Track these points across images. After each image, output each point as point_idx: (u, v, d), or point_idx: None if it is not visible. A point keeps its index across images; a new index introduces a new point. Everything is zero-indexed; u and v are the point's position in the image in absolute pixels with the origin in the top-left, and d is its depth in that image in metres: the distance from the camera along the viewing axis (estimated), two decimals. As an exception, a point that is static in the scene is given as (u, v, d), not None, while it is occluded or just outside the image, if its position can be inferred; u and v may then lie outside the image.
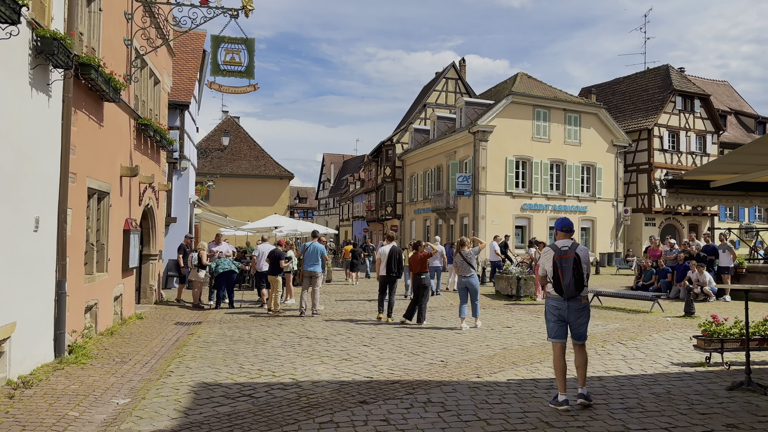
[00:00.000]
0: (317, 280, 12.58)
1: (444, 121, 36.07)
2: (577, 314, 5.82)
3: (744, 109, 41.82)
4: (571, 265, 5.81)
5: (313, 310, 12.47)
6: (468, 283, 10.91)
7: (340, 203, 69.47)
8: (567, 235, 6.10)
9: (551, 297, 5.98)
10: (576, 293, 5.79)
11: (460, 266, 11.01)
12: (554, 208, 31.16)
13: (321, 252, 12.66)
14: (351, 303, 14.84)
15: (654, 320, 11.66)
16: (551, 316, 5.96)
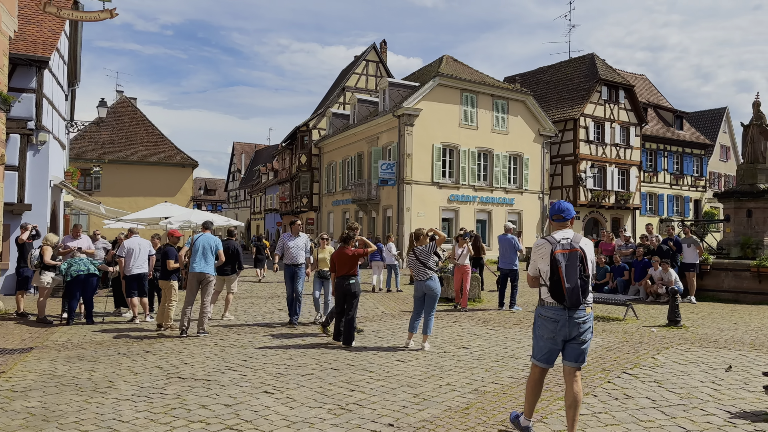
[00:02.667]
0: (208, 287, 9.36)
1: (365, 105, 33.25)
2: (580, 328, 4.33)
3: (662, 103, 42.03)
4: (576, 262, 4.27)
5: (200, 328, 9.22)
6: (427, 288, 8.11)
7: (251, 195, 65.13)
8: (562, 224, 4.55)
9: (546, 306, 4.43)
10: (582, 300, 4.28)
11: (414, 267, 8.21)
12: (482, 200, 29.21)
13: (214, 247, 9.43)
14: (256, 309, 11.68)
15: (637, 332, 9.38)
16: (544, 332, 4.43)
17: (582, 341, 4.34)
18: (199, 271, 9.20)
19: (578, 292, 4.21)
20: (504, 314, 11.46)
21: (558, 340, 4.35)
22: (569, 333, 4.30)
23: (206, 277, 9.24)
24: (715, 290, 13.79)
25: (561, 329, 4.31)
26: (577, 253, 4.26)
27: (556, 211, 4.60)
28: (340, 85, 39.80)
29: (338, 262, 8.38)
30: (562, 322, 4.30)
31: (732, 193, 16.05)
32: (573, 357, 4.36)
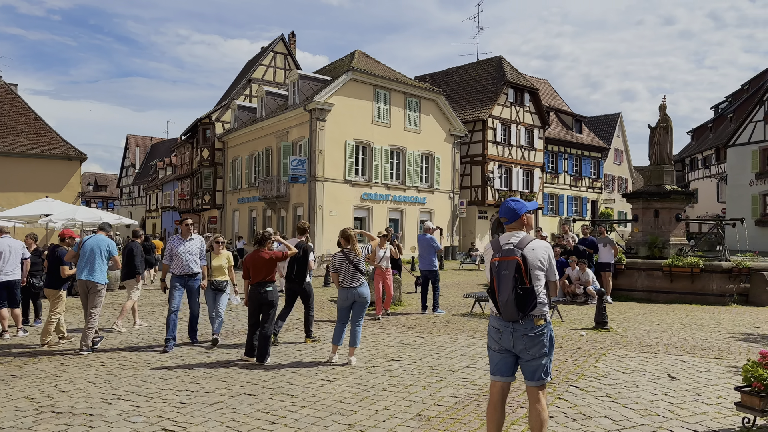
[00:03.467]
0: (95, 297, 7.93)
1: (274, 98, 31.80)
2: (527, 343, 3.78)
3: (562, 107, 43.71)
4: (512, 272, 3.68)
5: (82, 344, 7.80)
6: (359, 296, 7.22)
7: (146, 192, 61.15)
8: (513, 227, 3.96)
9: (492, 315, 3.97)
10: (518, 314, 3.70)
11: (345, 272, 7.26)
12: (394, 199, 28.74)
13: (105, 251, 8.04)
14: (152, 319, 10.25)
15: (567, 336, 9.03)
16: (491, 342, 3.97)
17: (533, 356, 3.78)
18: (84, 279, 7.81)
19: (513, 306, 3.65)
20: (428, 318, 10.82)
21: (504, 349, 3.84)
22: (514, 346, 3.79)
23: (94, 286, 7.85)
24: (629, 290, 13.97)
25: (505, 341, 3.81)
26: (514, 262, 3.66)
27: (501, 213, 4.01)
28: (245, 77, 37.94)
29: (253, 267, 7.29)
30: (506, 334, 3.80)
31: (640, 193, 16.45)
32: (528, 374, 3.84)
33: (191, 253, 8.18)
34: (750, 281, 13.10)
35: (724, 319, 10.77)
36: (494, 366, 3.93)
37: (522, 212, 3.92)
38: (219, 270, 8.38)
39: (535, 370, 3.79)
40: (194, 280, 8.24)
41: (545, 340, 3.78)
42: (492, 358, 3.95)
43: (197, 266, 8.26)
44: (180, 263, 8.11)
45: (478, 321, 10.48)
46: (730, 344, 8.25)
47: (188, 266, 8.15)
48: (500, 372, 3.90)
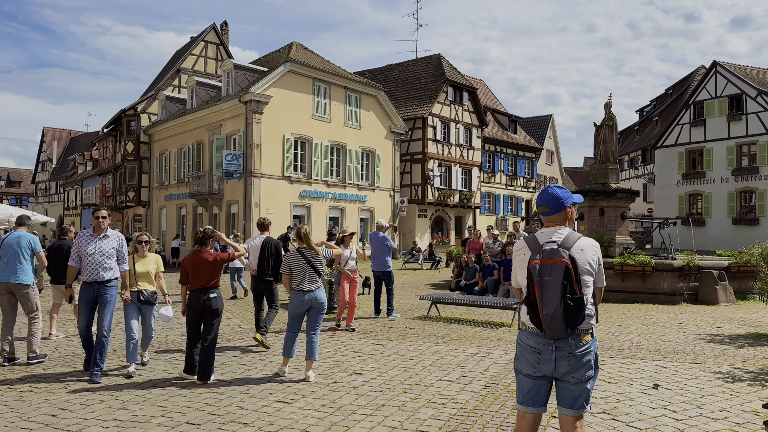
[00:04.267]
0: (26, 301, 6.98)
1: (205, 89, 30.12)
2: (572, 364, 3.05)
3: (498, 108, 44.11)
4: (560, 279, 2.92)
5: (30, 352, 6.97)
6: (315, 301, 6.41)
7: (65, 188, 57.26)
8: (554, 219, 3.21)
9: (526, 330, 3.18)
10: (566, 331, 2.95)
11: (300, 274, 6.38)
12: (334, 197, 27.83)
13: (28, 248, 7.04)
14: (71, 328, 8.93)
15: (535, 340, 8.47)
16: (523, 365, 3.18)
17: (578, 380, 3.08)
18: (4, 282, 6.87)
19: (561, 321, 2.94)
20: (383, 323, 10.05)
21: (540, 375, 3.13)
22: (556, 369, 3.09)
23: (19, 288, 6.90)
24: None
25: (545, 363, 3.09)
26: (561, 266, 2.95)
27: (540, 201, 3.26)
28: (174, 67, 35.87)
29: (193, 271, 6.26)
30: (547, 354, 3.08)
31: (586, 191, 16.35)
32: (568, 401, 3.13)
33: (104, 254, 6.36)
34: (699, 280, 13.14)
35: (683, 319, 10.61)
36: (525, 394, 3.19)
37: (568, 203, 3.21)
38: (145, 277, 6.71)
39: (578, 396, 3.10)
40: (106, 289, 6.33)
41: (592, 360, 3.10)
42: (522, 385, 3.20)
43: (111, 271, 6.39)
44: (89, 267, 6.30)
45: (437, 325, 9.80)
46: (703, 347, 7.95)
47: (98, 271, 6.29)
48: (533, 401, 3.17)
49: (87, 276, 6.32)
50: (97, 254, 6.33)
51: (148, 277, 6.74)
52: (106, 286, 6.36)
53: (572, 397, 3.12)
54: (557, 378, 3.12)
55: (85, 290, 6.33)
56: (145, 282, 6.71)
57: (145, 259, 6.82)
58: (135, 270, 6.64)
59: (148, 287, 6.72)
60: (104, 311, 6.32)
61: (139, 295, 6.61)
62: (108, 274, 6.37)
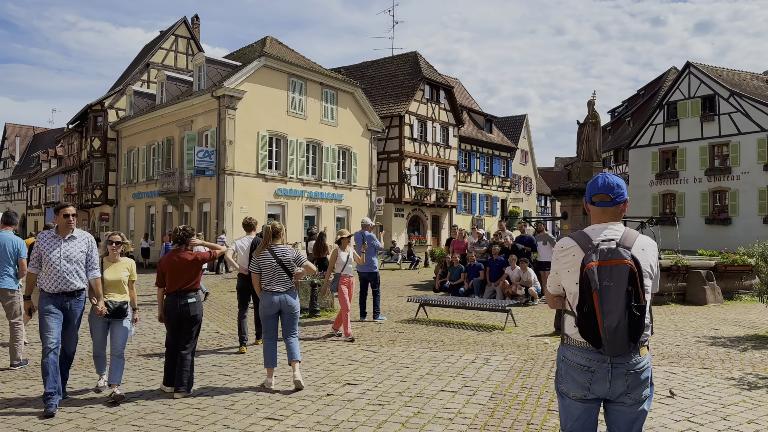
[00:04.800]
0: (11, 306, 6.73)
1: (176, 83, 29.16)
2: (630, 382, 2.60)
3: (473, 107, 43.97)
4: (624, 284, 2.46)
5: (13, 359, 6.67)
6: (286, 304, 5.92)
7: (27, 186, 55.27)
8: (611, 213, 2.73)
9: (573, 346, 2.68)
10: (630, 345, 2.51)
11: (269, 274, 5.91)
12: (310, 195, 27.20)
13: (13, 252, 6.71)
14: (32, 335, 8.19)
15: (531, 346, 8.09)
16: (571, 385, 2.68)
17: (635, 401, 2.63)
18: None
19: (625, 334, 2.48)
20: (370, 327, 9.55)
21: (592, 396, 2.65)
22: (611, 390, 2.62)
23: (4, 293, 6.64)
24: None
25: (598, 383, 2.62)
26: (626, 269, 2.50)
27: (600, 188, 2.76)
28: (143, 61, 34.72)
29: (170, 272, 5.68)
30: (601, 373, 2.60)
31: (570, 190, 16.12)
32: (623, 426, 2.70)
33: (72, 259, 5.33)
34: (687, 280, 12.96)
35: (676, 320, 10.36)
36: (574, 421, 2.71)
37: (626, 197, 2.76)
38: (115, 286, 5.58)
39: (635, 419, 2.67)
40: (76, 302, 5.38)
41: (650, 376, 2.66)
42: (570, 411, 2.72)
43: (81, 281, 5.39)
44: (54, 275, 5.23)
45: (427, 329, 9.34)
46: (706, 350, 7.65)
47: (66, 280, 5.28)
48: (584, 429, 2.71)
49: (51, 286, 5.22)
50: (63, 260, 5.27)
51: (119, 286, 5.59)
52: (76, 299, 5.37)
53: (628, 421, 2.67)
54: (611, 400, 2.67)
55: (50, 302, 5.22)
56: (114, 291, 5.57)
57: (117, 265, 5.68)
58: (103, 277, 5.57)
59: (117, 297, 5.55)
60: (73, 330, 5.41)
61: (109, 306, 5.47)
62: (78, 283, 5.33)
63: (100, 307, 5.36)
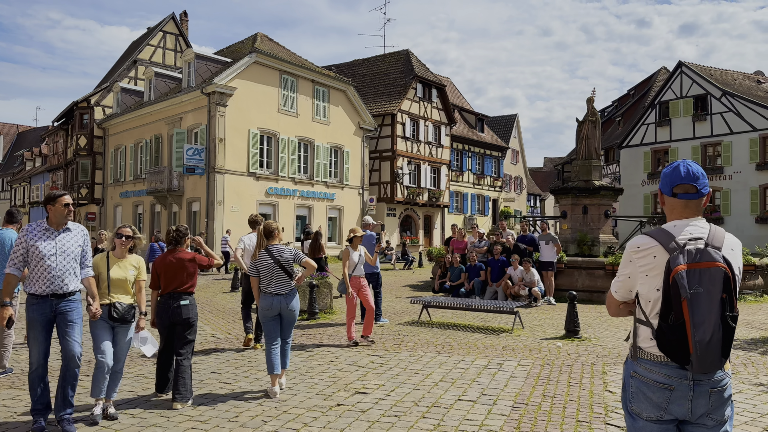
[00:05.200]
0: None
1: (164, 80, 28.61)
2: (713, 401, 2.26)
3: (465, 106, 43.72)
4: (718, 291, 2.11)
5: None
6: (286, 307, 5.63)
7: (11, 185, 54.27)
8: (694, 208, 2.37)
9: (649, 361, 2.33)
10: (721, 362, 2.17)
11: (268, 275, 5.63)
12: (302, 194, 26.77)
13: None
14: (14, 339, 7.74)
15: (544, 349, 7.77)
16: (645, 405, 2.33)
17: (717, 422, 2.30)
18: None
19: (718, 349, 2.16)
20: (373, 329, 9.15)
21: (670, 418, 2.31)
22: (692, 410, 2.28)
23: None
24: (569, 289, 13.09)
25: (677, 403, 2.29)
26: (720, 273, 2.17)
27: (684, 178, 2.39)
28: (130, 58, 34.06)
29: (165, 272, 5.30)
30: (682, 391, 2.27)
31: (569, 189, 15.87)
32: None
33: (69, 254, 4.57)
34: (690, 279, 12.73)
35: (686, 321, 10.10)
36: None
37: (709, 188, 2.42)
38: (121, 286, 4.88)
39: None
40: (71, 304, 4.57)
41: (731, 394, 2.34)
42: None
43: (76, 280, 4.63)
44: (45, 274, 4.45)
45: (432, 331, 8.99)
46: (726, 353, 7.37)
47: (60, 280, 4.50)
48: None
49: (41, 287, 4.43)
50: (59, 256, 4.51)
51: (125, 285, 4.89)
52: (70, 300, 4.56)
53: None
54: (690, 421, 2.32)
55: (38, 308, 4.44)
56: (121, 292, 4.86)
57: (124, 261, 4.97)
58: (108, 275, 4.84)
59: (124, 299, 4.86)
60: (72, 333, 4.51)
61: (111, 309, 4.76)
62: (73, 283, 4.58)
63: (94, 308, 4.64)
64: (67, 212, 4.62)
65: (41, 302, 4.48)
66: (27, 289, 4.51)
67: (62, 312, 4.51)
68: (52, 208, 4.61)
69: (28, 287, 4.51)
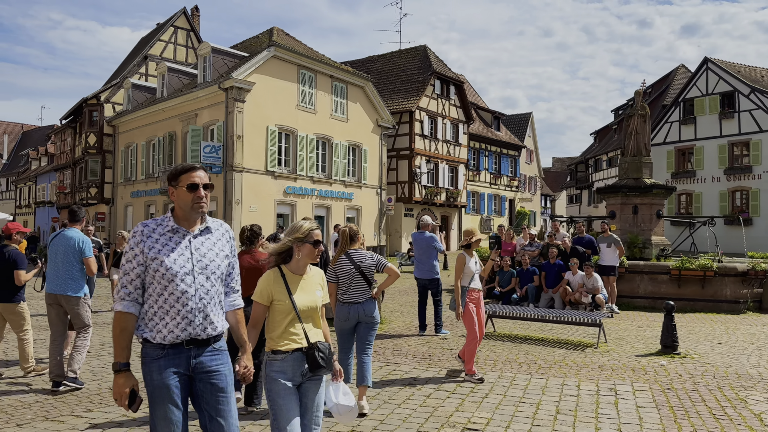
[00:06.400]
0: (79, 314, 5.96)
1: (178, 75, 27.63)
2: None
3: (480, 104, 42.74)
4: None
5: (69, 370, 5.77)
6: (365, 315, 4.98)
7: (16, 185, 53.39)
8: None
9: None
10: None
11: (347, 281, 5.01)
12: (320, 194, 25.77)
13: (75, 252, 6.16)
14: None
15: (642, 368, 6.78)
16: None
17: None
18: (52, 293, 5.83)
19: None
20: (438, 343, 8.18)
21: None
22: None
23: (69, 301, 5.84)
24: (630, 296, 12.19)
25: None
26: None
27: None
28: (141, 53, 33.11)
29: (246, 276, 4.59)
30: None
31: (619, 187, 14.87)
32: None
33: (212, 272, 2.77)
34: (763, 286, 11.75)
35: (755, 332, 9.13)
36: None
37: None
38: (311, 316, 3.17)
39: None
40: (218, 357, 2.78)
41: None
42: None
43: (221, 315, 2.81)
44: (177, 306, 2.66)
45: (504, 346, 8.00)
46: None
47: (201, 315, 2.69)
48: None
49: (170, 329, 2.64)
50: (198, 273, 2.71)
51: (315, 315, 3.18)
52: (217, 352, 2.76)
53: None
54: None
55: (164, 366, 2.63)
56: (312, 324, 3.16)
57: (308, 278, 3.21)
58: (294, 303, 3.07)
59: (319, 335, 3.18)
60: (226, 410, 2.72)
61: (312, 354, 3.03)
62: (220, 320, 2.79)
63: (243, 366, 2.86)
64: (198, 201, 2.71)
65: (171, 356, 2.63)
66: (143, 334, 2.65)
67: (206, 372, 2.70)
68: (176, 191, 2.73)
69: (144, 329, 2.66)
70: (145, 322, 2.67)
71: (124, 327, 2.61)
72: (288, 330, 3.04)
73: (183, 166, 2.76)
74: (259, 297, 3.09)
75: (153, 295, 2.65)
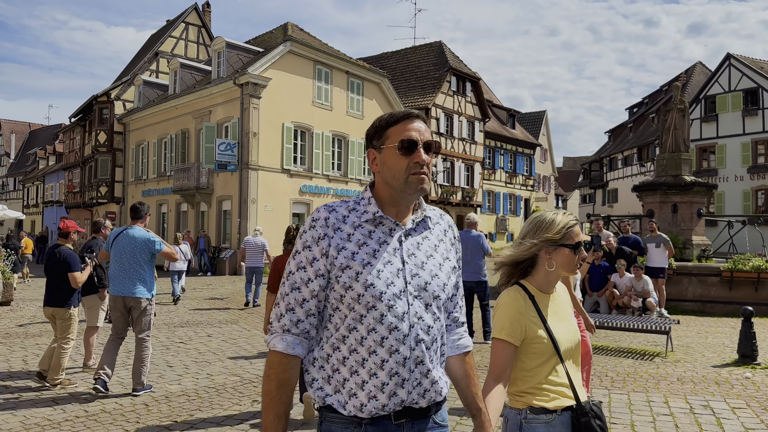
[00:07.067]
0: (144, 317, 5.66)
1: (190, 72, 27.06)
2: None
3: (494, 101, 42.05)
4: None
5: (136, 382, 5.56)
6: None
7: (24, 184, 53.07)
8: None
9: None
10: None
11: None
12: (336, 192, 25.17)
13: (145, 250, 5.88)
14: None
15: (725, 381, 6.12)
16: None
17: None
18: (119, 295, 5.50)
19: None
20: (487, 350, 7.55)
21: None
22: None
23: (138, 303, 5.52)
24: (678, 299, 11.52)
25: None
26: None
27: None
28: (152, 50, 32.59)
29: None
30: None
31: (658, 185, 14.20)
32: None
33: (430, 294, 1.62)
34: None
35: None
36: None
37: None
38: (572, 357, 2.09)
39: None
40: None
41: None
42: None
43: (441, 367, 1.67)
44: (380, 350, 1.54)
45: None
46: None
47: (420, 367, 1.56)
48: None
49: (370, 388, 1.53)
50: (412, 294, 1.59)
51: (577, 355, 2.11)
52: (438, 428, 1.65)
53: None
54: None
55: None
56: (575, 369, 2.08)
57: (558, 298, 2.15)
58: (554, 340, 2.01)
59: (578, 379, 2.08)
60: None
61: (588, 421, 1.94)
62: (444, 378, 1.66)
63: None
64: (419, 168, 1.65)
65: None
66: (326, 397, 1.59)
67: None
68: (379, 155, 1.72)
69: (326, 388, 1.60)
70: (324, 375, 1.59)
71: (284, 379, 1.56)
72: (548, 379, 2.00)
73: (392, 114, 1.69)
74: (508, 334, 1.99)
75: (340, 329, 1.58)
